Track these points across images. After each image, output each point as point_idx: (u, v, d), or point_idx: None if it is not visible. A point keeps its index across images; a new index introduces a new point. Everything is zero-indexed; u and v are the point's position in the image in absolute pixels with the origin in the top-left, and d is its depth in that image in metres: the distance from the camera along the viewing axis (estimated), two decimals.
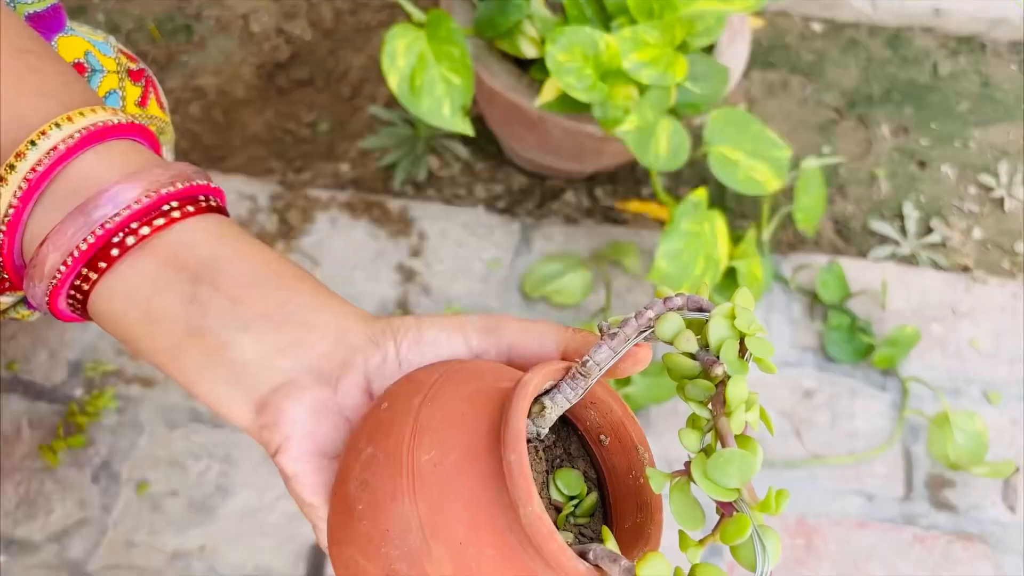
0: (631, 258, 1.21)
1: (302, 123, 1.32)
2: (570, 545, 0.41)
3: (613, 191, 1.29)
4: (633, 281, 1.22)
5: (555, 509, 0.45)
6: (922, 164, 1.36)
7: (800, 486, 1.12)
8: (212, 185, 0.49)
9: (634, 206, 1.28)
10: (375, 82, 1.35)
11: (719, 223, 1.11)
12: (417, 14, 1.05)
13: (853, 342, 1.19)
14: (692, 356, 0.42)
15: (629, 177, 1.31)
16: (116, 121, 0.48)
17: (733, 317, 0.40)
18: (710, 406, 0.40)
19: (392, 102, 1.33)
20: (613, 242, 1.23)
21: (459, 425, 0.41)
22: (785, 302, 1.23)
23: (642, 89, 1.02)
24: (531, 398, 0.40)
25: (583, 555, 0.40)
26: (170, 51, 1.36)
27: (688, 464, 0.39)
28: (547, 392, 0.43)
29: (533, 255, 1.23)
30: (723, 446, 0.39)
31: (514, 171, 1.29)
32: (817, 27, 1.46)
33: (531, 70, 1.09)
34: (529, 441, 0.44)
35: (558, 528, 0.44)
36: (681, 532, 0.40)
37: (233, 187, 1.25)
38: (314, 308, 0.47)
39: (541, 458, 0.46)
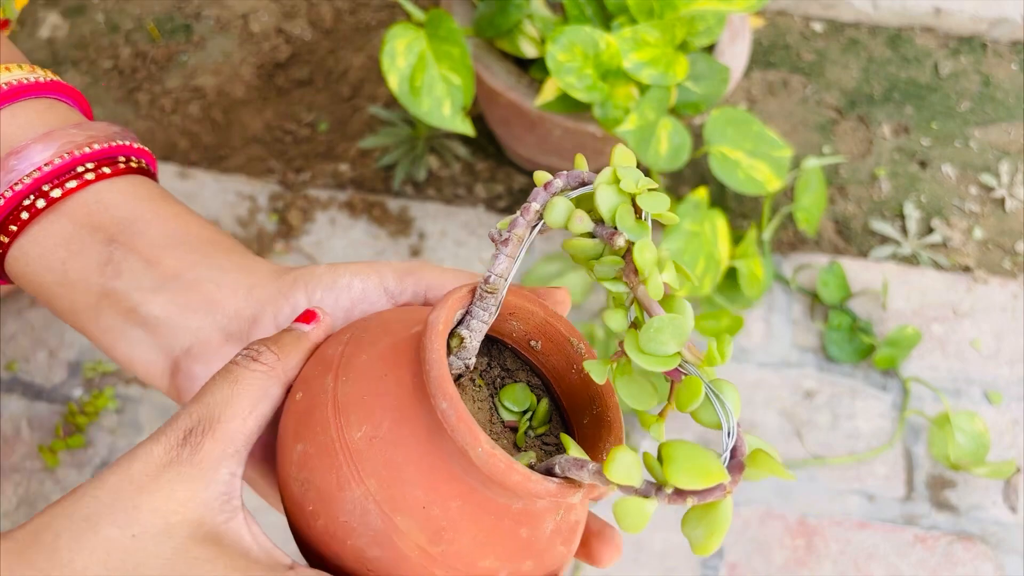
0: None
1: (302, 123, 1.32)
2: (534, 464, 0.40)
3: None
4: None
5: (511, 430, 0.43)
6: (923, 164, 1.36)
7: (801, 486, 1.12)
8: (136, 145, 0.49)
9: None
10: (375, 82, 1.35)
11: (720, 223, 1.11)
12: (417, 14, 1.04)
13: (854, 342, 1.19)
14: (591, 235, 0.39)
15: None
16: (33, 79, 0.47)
17: (618, 181, 0.37)
18: (625, 279, 0.38)
19: (392, 102, 1.32)
20: None
21: (381, 390, 0.39)
22: (786, 302, 1.23)
23: (642, 89, 1.02)
24: (444, 336, 0.39)
25: (550, 470, 0.38)
26: (169, 51, 1.36)
27: (622, 344, 0.37)
28: (461, 322, 0.41)
29: (533, 255, 1.23)
30: (650, 315, 0.36)
31: (514, 171, 1.29)
32: (818, 27, 1.46)
33: (531, 70, 1.09)
34: (460, 377, 0.43)
35: (519, 447, 0.42)
36: (640, 412, 0.38)
37: (233, 187, 1.25)
38: (225, 268, 0.47)
39: (480, 385, 0.44)
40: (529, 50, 1.08)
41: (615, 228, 0.37)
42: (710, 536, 0.34)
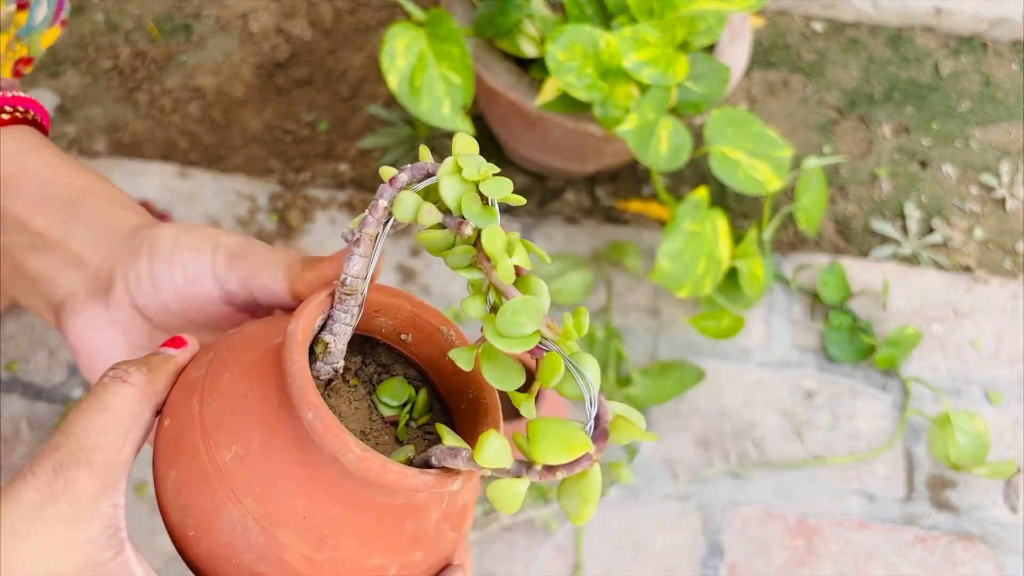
0: (632, 258, 1.21)
1: (301, 123, 1.31)
2: (413, 457, 0.40)
3: (614, 191, 1.29)
4: (634, 281, 1.22)
5: (392, 424, 0.43)
6: (923, 164, 1.36)
7: (801, 487, 1.12)
8: (23, 96, 0.50)
9: (635, 206, 1.27)
10: (375, 82, 1.34)
11: (720, 223, 1.11)
12: (417, 13, 1.04)
13: (854, 342, 1.19)
14: (441, 226, 0.39)
15: (630, 177, 1.30)
16: None
17: (460, 170, 0.38)
18: (479, 266, 0.38)
19: (392, 102, 1.32)
20: (614, 242, 1.23)
21: (247, 407, 0.39)
22: (786, 302, 1.23)
23: (643, 88, 1.02)
24: (305, 345, 0.39)
25: (427, 462, 0.39)
26: (169, 51, 1.36)
27: (483, 330, 0.38)
28: (324, 327, 0.42)
29: (533, 255, 1.23)
30: (506, 299, 0.37)
31: (514, 171, 1.29)
32: (818, 26, 1.46)
33: (531, 69, 1.09)
34: (331, 381, 0.43)
35: (400, 441, 0.43)
36: (512, 392, 0.39)
37: (232, 187, 1.25)
38: (92, 222, 0.48)
39: (355, 385, 0.44)
40: (529, 50, 1.08)
41: (463, 217, 0.38)
42: (583, 505, 0.35)
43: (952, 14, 1.45)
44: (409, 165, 0.40)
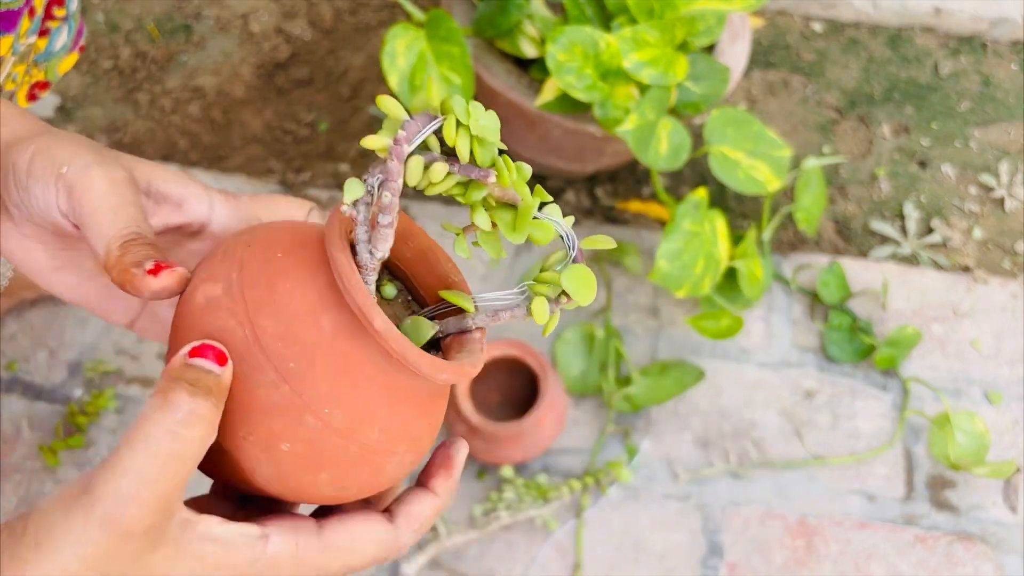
0: (632, 258, 1.21)
1: (302, 123, 1.32)
2: (439, 335, 0.45)
3: (613, 191, 1.29)
4: (634, 281, 1.22)
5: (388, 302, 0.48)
6: (923, 164, 1.36)
7: (801, 487, 1.12)
8: None
9: (635, 206, 1.27)
10: (375, 82, 1.35)
11: (720, 223, 1.11)
12: (417, 14, 1.05)
13: (854, 342, 1.19)
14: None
15: (629, 177, 1.30)
16: None
17: (467, 124, 0.41)
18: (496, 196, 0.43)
19: None
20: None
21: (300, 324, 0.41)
22: (786, 302, 1.23)
23: (642, 89, 1.02)
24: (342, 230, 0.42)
25: (437, 340, 0.45)
26: (169, 51, 1.36)
27: (472, 228, 0.45)
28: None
29: (534, 255, 1.23)
30: (514, 205, 0.43)
31: None
32: (818, 27, 1.46)
33: (531, 70, 1.09)
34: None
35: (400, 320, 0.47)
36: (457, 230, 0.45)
37: (233, 187, 1.25)
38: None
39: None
40: (529, 50, 1.08)
41: (477, 166, 0.41)
42: (587, 288, 0.44)
43: (952, 14, 1.45)
44: (408, 120, 0.41)
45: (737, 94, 1.39)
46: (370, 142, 0.40)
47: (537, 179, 1.29)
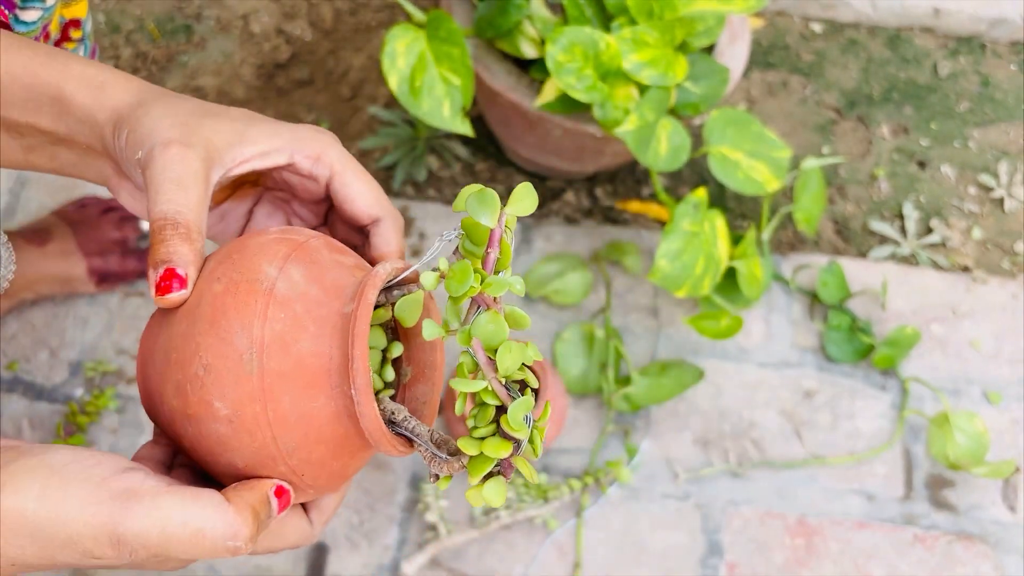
0: (631, 258, 1.21)
1: (302, 123, 1.32)
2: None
3: (613, 191, 1.29)
4: (633, 281, 1.22)
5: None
6: (922, 164, 1.36)
7: (800, 486, 1.12)
8: None
9: (634, 206, 1.28)
10: (375, 82, 1.35)
11: (719, 223, 1.11)
12: (417, 14, 1.05)
13: (853, 342, 1.19)
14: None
15: (629, 177, 1.31)
16: None
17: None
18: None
19: (392, 102, 1.33)
20: (613, 242, 1.23)
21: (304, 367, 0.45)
22: (785, 302, 1.23)
23: (642, 89, 1.02)
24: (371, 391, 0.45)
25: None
26: (170, 51, 1.36)
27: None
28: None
29: (533, 255, 1.23)
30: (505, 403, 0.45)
31: (514, 171, 1.29)
32: (817, 27, 1.46)
33: (531, 70, 1.09)
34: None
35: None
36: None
37: None
38: (81, 119, 0.52)
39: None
40: (529, 51, 1.08)
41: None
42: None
43: (951, 14, 1.45)
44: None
45: (736, 95, 1.39)
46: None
47: (537, 179, 1.29)
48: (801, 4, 1.46)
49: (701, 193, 1.08)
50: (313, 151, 0.53)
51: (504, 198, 1.27)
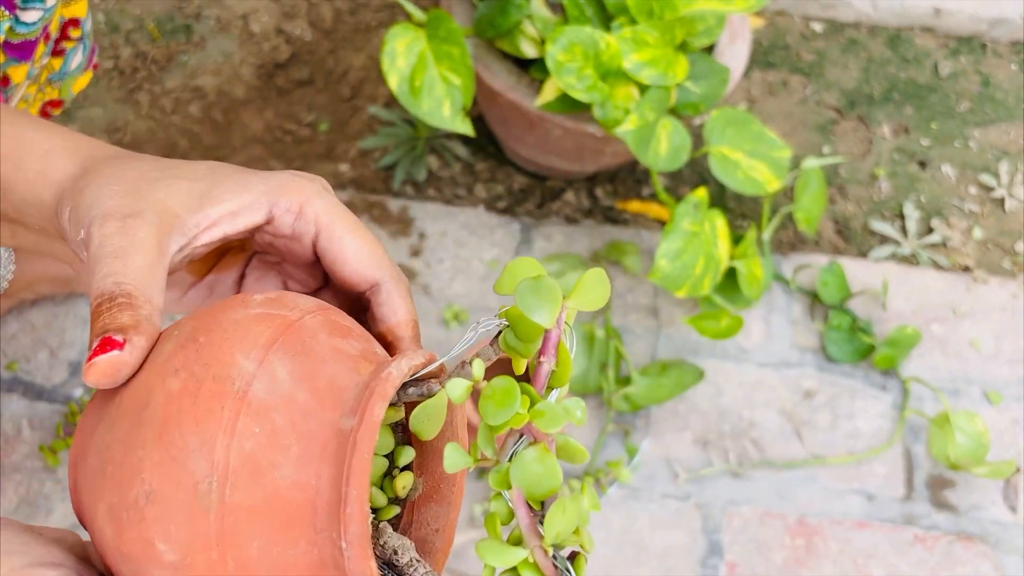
0: (631, 258, 1.21)
1: (302, 123, 1.32)
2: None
3: (613, 191, 1.29)
4: (634, 281, 1.22)
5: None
6: (922, 164, 1.36)
7: (800, 486, 1.12)
8: None
9: (634, 206, 1.28)
10: (375, 82, 1.35)
11: (720, 222, 1.11)
12: (417, 14, 1.05)
13: (853, 342, 1.19)
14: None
15: (629, 177, 1.30)
16: None
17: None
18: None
19: (392, 102, 1.32)
20: (613, 242, 1.23)
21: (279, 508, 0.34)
22: (785, 302, 1.23)
23: (642, 89, 1.02)
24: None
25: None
26: (170, 51, 1.36)
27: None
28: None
29: (533, 255, 1.23)
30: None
31: (514, 171, 1.29)
32: (817, 27, 1.46)
33: (531, 70, 1.09)
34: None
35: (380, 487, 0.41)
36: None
37: None
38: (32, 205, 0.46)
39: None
40: (529, 50, 1.08)
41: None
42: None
43: (951, 14, 1.45)
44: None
45: (737, 94, 1.39)
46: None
47: (537, 179, 1.29)
48: (801, 4, 1.46)
49: (701, 193, 1.08)
50: (293, 203, 0.44)
51: (506, 199, 1.28)
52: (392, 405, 0.39)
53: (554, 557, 0.32)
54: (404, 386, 0.38)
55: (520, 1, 1.04)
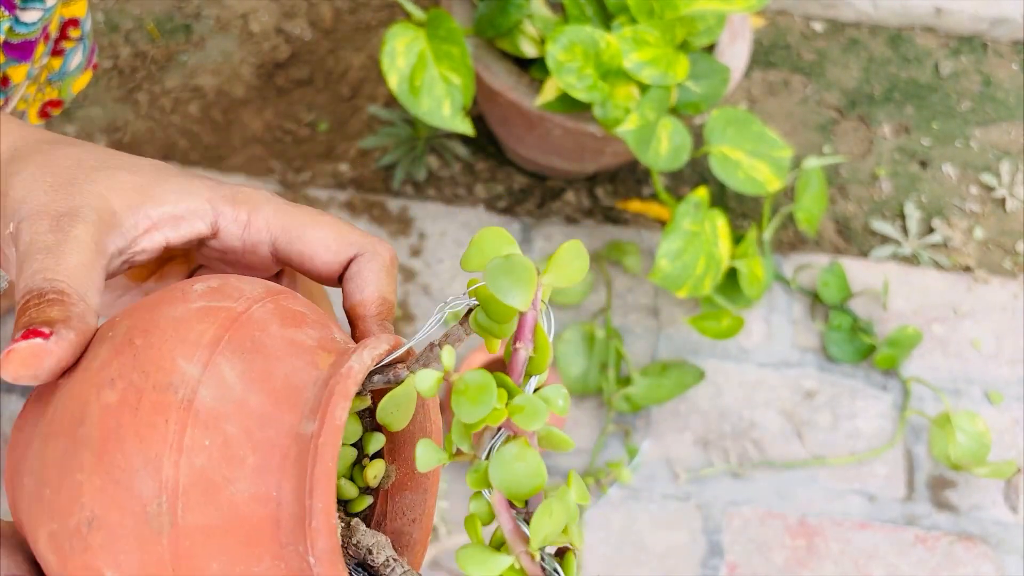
0: (632, 258, 1.21)
1: (301, 123, 1.31)
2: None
3: (614, 191, 1.29)
4: (634, 281, 1.22)
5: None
6: (923, 164, 1.36)
7: (801, 487, 1.12)
8: None
9: (635, 206, 1.27)
10: (375, 82, 1.34)
11: (721, 222, 1.11)
12: (417, 13, 1.04)
13: (854, 342, 1.19)
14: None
15: (630, 177, 1.30)
16: None
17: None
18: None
19: (392, 102, 1.32)
20: (614, 242, 1.23)
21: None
22: (786, 302, 1.23)
23: (643, 88, 1.02)
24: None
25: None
26: (169, 51, 1.36)
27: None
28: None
29: (534, 255, 1.23)
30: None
31: (514, 171, 1.29)
32: (818, 26, 1.46)
33: (531, 70, 1.09)
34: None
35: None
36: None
37: None
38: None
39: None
40: (529, 50, 1.07)
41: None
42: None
43: (952, 14, 1.44)
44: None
45: (737, 94, 1.39)
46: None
47: (537, 179, 1.29)
48: (802, 3, 1.45)
49: (702, 193, 1.08)
50: (240, 213, 0.40)
51: (506, 199, 1.27)
52: (358, 395, 0.36)
53: (542, 559, 0.30)
54: (369, 374, 0.35)
55: (520, 1, 1.04)
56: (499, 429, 0.30)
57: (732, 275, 1.14)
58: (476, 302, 0.33)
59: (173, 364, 0.31)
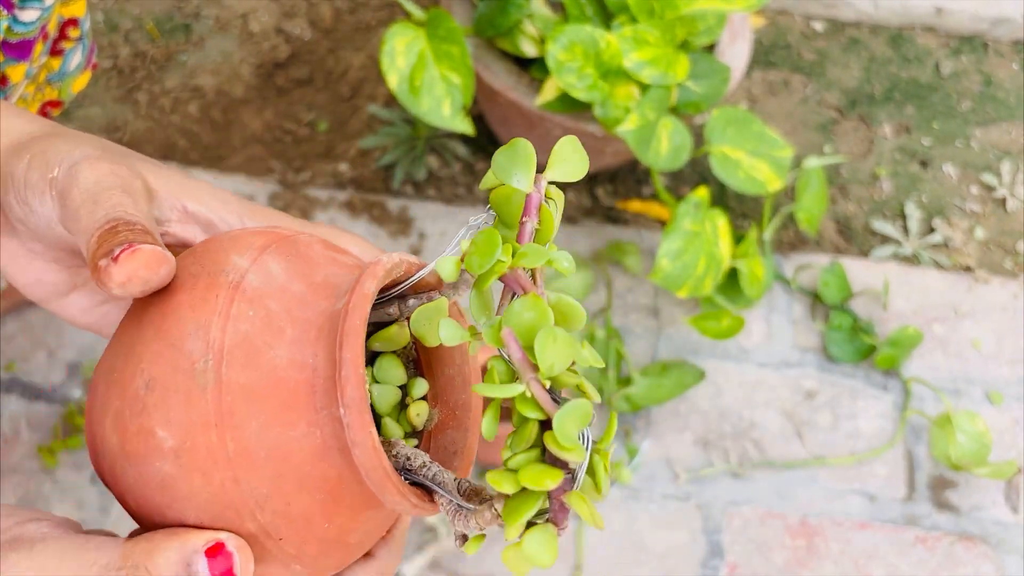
0: (632, 258, 1.21)
1: (301, 123, 1.31)
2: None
3: (614, 191, 1.29)
4: (634, 281, 1.22)
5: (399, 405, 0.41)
6: (924, 164, 1.36)
7: (801, 487, 1.12)
8: None
9: (635, 206, 1.27)
10: (374, 81, 1.34)
11: (721, 222, 1.11)
12: (417, 13, 1.04)
13: (855, 342, 1.19)
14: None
15: (630, 177, 1.30)
16: None
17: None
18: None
19: (391, 101, 1.32)
20: (614, 242, 1.23)
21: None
22: (786, 302, 1.23)
23: (643, 88, 1.02)
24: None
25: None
26: (169, 50, 1.36)
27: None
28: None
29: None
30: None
31: None
32: (819, 26, 1.46)
33: (531, 69, 1.09)
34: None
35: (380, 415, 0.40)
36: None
37: (232, 187, 1.25)
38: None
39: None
40: (529, 49, 1.07)
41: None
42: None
43: (953, 14, 1.44)
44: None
45: (738, 94, 1.39)
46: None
47: None
48: (803, 3, 1.45)
49: (702, 192, 1.08)
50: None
51: None
52: (394, 322, 0.39)
53: (551, 393, 0.31)
54: (404, 297, 0.38)
55: (520, 0, 1.04)
56: (512, 295, 0.33)
57: (732, 275, 1.14)
58: (495, 215, 0.36)
59: (227, 258, 0.35)
